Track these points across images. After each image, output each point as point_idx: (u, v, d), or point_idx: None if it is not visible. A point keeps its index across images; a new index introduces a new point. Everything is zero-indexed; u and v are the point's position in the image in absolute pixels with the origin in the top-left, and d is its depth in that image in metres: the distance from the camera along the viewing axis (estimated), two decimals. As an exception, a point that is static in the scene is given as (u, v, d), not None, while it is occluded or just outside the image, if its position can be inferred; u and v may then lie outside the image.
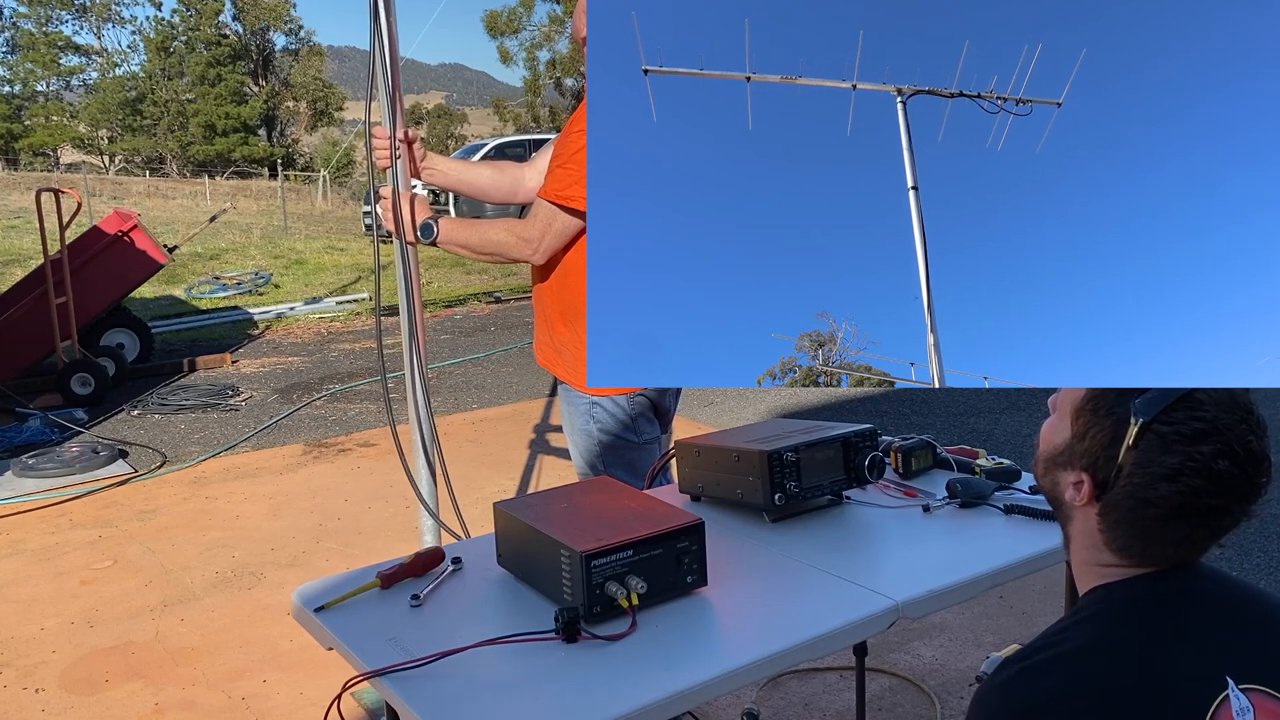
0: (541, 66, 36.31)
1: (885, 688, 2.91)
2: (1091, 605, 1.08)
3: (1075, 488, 1.09)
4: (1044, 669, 1.01)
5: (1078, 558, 1.13)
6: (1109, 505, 1.06)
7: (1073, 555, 1.14)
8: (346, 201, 27.44)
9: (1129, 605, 1.06)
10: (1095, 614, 1.07)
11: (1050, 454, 1.14)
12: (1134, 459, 1.02)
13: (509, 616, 1.48)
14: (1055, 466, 1.13)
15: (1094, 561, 1.10)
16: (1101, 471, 1.06)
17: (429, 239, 2.28)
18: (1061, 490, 1.12)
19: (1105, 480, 1.05)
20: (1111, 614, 1.06)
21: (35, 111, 47.14)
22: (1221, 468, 1.00)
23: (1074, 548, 1.14)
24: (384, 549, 4.06)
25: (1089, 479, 1.07)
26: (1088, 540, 1.10)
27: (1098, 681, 0.98)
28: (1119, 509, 1.05)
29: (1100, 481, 1.06)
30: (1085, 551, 1.11)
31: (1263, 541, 3.85)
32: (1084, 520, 1.10)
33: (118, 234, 7.31)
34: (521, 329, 9.25)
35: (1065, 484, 1.11)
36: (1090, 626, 1.05)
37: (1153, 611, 1.04)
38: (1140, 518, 1.04)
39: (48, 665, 3.23)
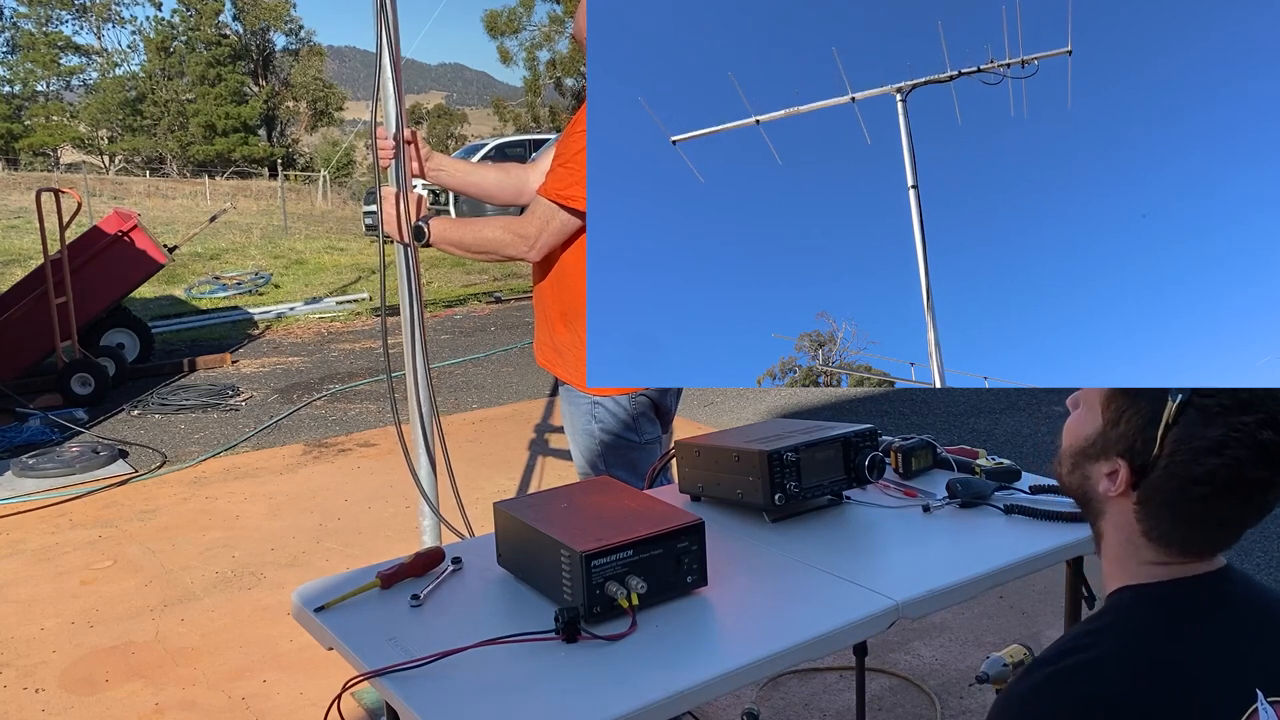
0: (541, 66, 36.32)
1: (885, 688, 2.91)
2: (1118, 609, 1.06)
3: (1110, 478, 1.07)
4: (1070, 677, 0.99)
5: (1111, 554, 1.10)
6: (1149, 490, 1.03)
7: (1105, 553, 1.11)
8: (346, 201, 27.44)
9: (1157, 611, 1.04)
10: (1123, 619, 1.05)
11: (1079, 447, 1.11)
12: (1175, 436, 1.00)
13: (509, 616, 1.48)
14: (1085, 459, 1.10)
15: (1128, 558, 1.08)
16: (1140, 455, 1.03)
17: (420, 241, 2.29)
18: (1094, 484, 1.10)
19: (1144, 464, 1.03)
20: (1140, 620, 1.04)
21: (35, 111, 47.15)
22: (1266, 437, 0.98)
23: (1107, 544, 1.11)
24: (384, 549, 4.06)
25: (1126, 465, 1.04)
26: (1123, 534, 1.08)
27: (1127, 692, 0.96)
28: (1160, 492, 1.03)
29: (1139, 466, 1.03)
30: (1119, 548, 1.09)
31: (1263, 542, 3.85)
32: (1119, 513, 1.08)
33: (118, 234, 7.31)
34: (521, 329, 9.25)
35: (1098, 476, 1.08)
36: (1118, 633, 1.03)
37: (1181, 619, 1.02)
38: (1183, 499, 1.01)
39: (48, 665, 3.23)
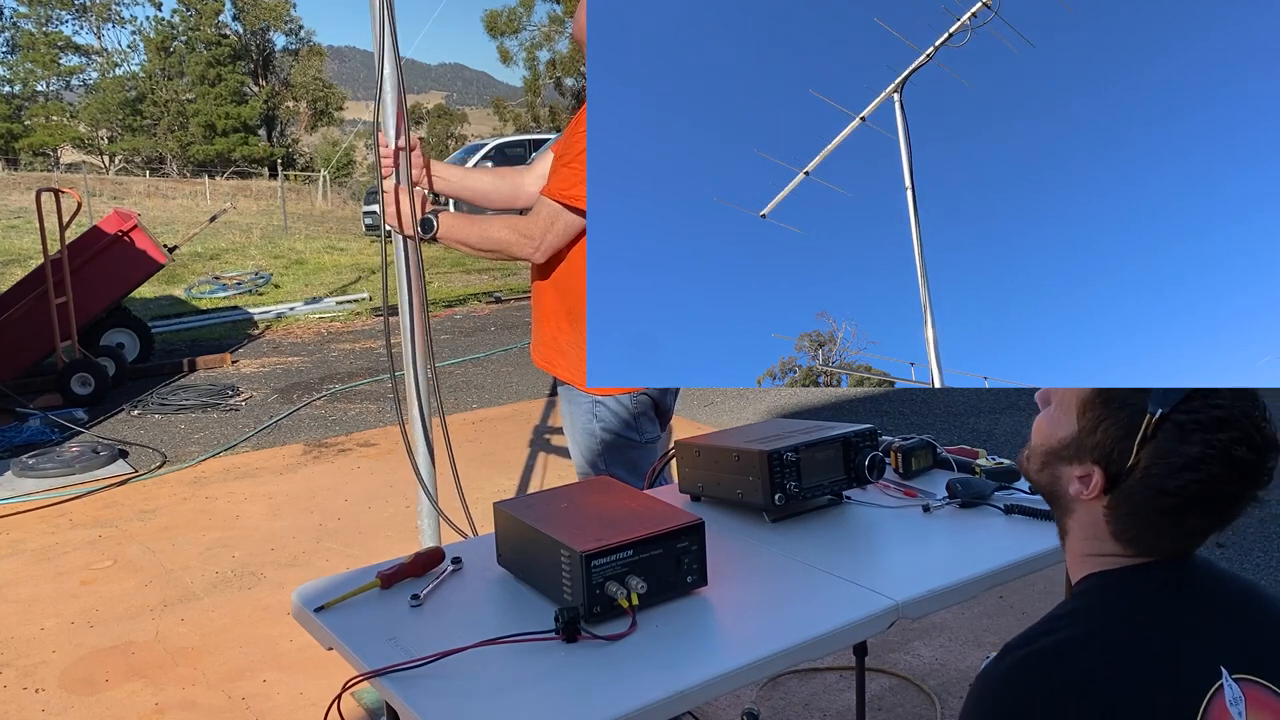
0: (541, 66, 36.34)
1: (885, 688, 2.91)
2: (1089, 594, 1.09)
3: (1082, 481, 1.09)
4: (1044, 657, 1.02)
5: (1076, 550, 1.13)
6: (1121, 497, 1.06)
7: (1070, 547, 1.14)
8: (346, 201, 27.43)
9: (1128, 594, 1.07)
10: (1094, 603, 1.07)
11: (1051, 448, 1.13)
12: (1151, 450, 1.03)
13: (509, 616, 1.48)
14: (1058, 460, 1.13)
15: (1093, 552, 1.11)
16: (1115, 464, 1.05)
17: (429, 234, 2.29)
18: (1064, 484, 1.12)
19: (1118, 473, 1.05)
20: (1111, 603, 1.06)
21: (35, 111, 47.14)
22: (1240, 454, 1.00)
23: (1072, 540, 1.14)
24: (384, 549, 4.06)
25: (1100, 472, 1.07)
26: (1090, 532, 1.11)
27: (1095, 673, 0.99)
28: (1132, 501, 1.05)
29: (1113, 475, 1.06)
30: (1085, 543, 1.12)
31: (1263, 541, 3.85)
32: (1087, 513, 1.10)
33: (118, 234, 7.31)
34: (521, 329, 9.25)
35: (1069, 478, 1.11)
36: (1089, 615, 1.06)
37: (1151, 601, 1.05)
38: (1156, 509, 1.04)
39: (48, 665, 3.23)
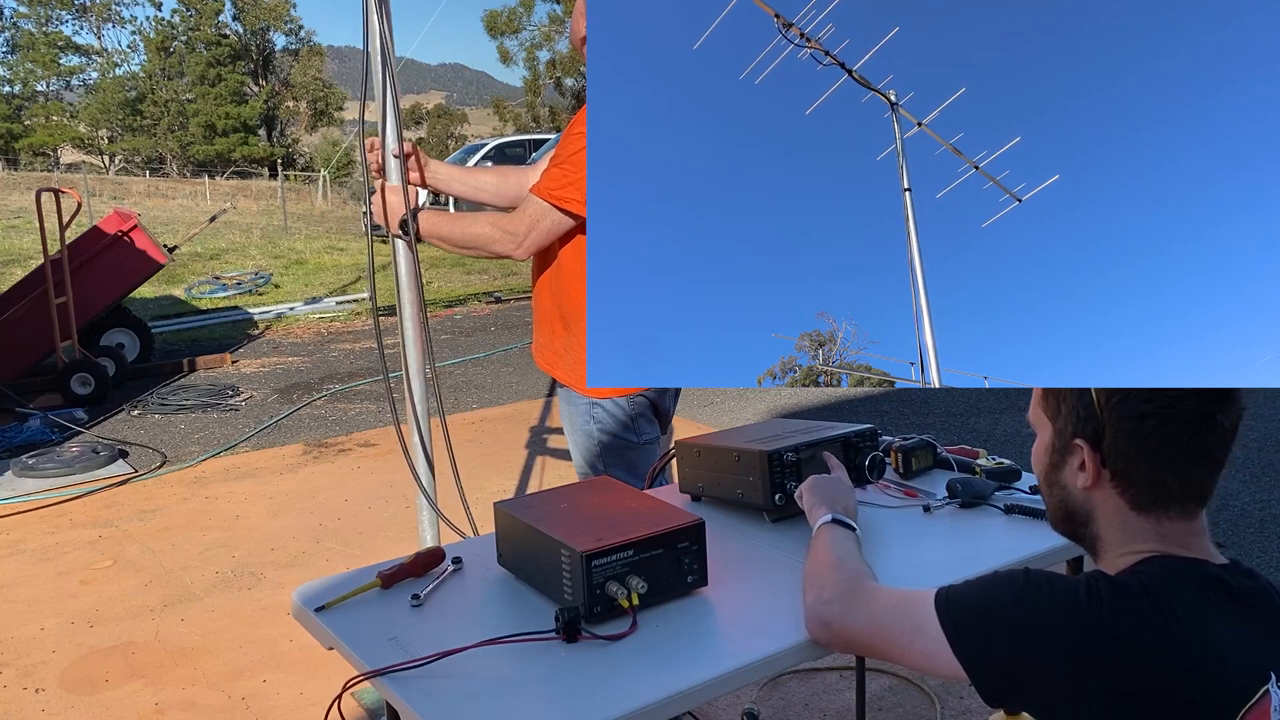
0: (541, 66, 36.33)
1: (885, 688, 2.91)
2: (1152, 565, 1.09)
3: (1081, 469, 1.12)
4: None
5: (1111, 551, 1.13)
6: (1113, 453, 1.09)
7: (1106, 551, 1.14)
8: (346, 201, 27.43)
9: (1186, 585, 1.06)
10: (1158, 571, 1.07)
11: (1047, 462, 1.18)
12: (1108, 394, 1.09)
13: (509, 616, 1.48)
14: (1056, 469, 1.16)
15: (1128, 542, 1.12)
16: (1089, 424, 1.10)
17: (407, 233, 2.29)
18: (1073, 489, 1.14)
19: (1097, 432, 1.10)
20: (1171, 581, 1.06)
21: (35, 111, 47.16)
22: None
23: (1106, 543, 1.14)
24: (384, 549, 4.06)
25: (1086, 445, 1.11)
26: (1117, 520, 1.12)
27: (1160, 662, 1.01)
28: (1121, 446, 1.08)
29: (1093, 436, 1.10)
30: (1119, 532, 1.12)
31: (1263, 541, 3.85)
32: (1104, 501, 1.12)
33: (118, 234, 7.31)
34: (521, 329, 9.25)
35: (1072, 476, 1.14)
36: (1153, 580, 1.06)
37: (1204, 598, 1.06)
38: (1141, 437, 1.07)
39: (48, 665, 3.23)
